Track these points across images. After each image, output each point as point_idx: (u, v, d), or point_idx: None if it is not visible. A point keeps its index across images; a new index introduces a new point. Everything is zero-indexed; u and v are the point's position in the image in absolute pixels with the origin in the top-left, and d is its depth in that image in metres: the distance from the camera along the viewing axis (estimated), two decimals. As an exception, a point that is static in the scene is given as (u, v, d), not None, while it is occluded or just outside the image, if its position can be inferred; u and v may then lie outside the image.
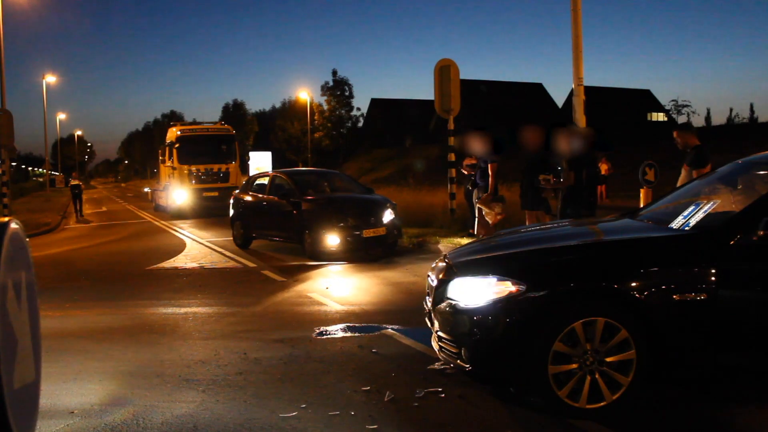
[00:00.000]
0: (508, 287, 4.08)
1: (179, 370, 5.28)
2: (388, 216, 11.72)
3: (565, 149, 8.85)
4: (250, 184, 14.15)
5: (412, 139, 60.87)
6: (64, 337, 6.37)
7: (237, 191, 14.65)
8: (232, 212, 14.10)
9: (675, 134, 8.19)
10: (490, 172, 11.95)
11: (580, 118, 10.68)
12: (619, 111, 49.87)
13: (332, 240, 11.10)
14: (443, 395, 4.49)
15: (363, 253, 11.44)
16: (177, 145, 23.87)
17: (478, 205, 12.27)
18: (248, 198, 13.60)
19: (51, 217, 25.23)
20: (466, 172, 12.68)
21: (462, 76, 15.26)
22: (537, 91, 65.48)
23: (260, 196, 13.27)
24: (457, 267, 4.57)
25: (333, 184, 13.39)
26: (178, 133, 24.33)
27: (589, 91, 11.40)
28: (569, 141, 8.70)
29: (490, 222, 11.70)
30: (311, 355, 5.63)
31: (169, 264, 11.78)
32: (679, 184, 7.73)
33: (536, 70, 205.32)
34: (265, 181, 13.54)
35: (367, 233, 11.29)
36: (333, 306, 7.65)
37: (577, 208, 8.78)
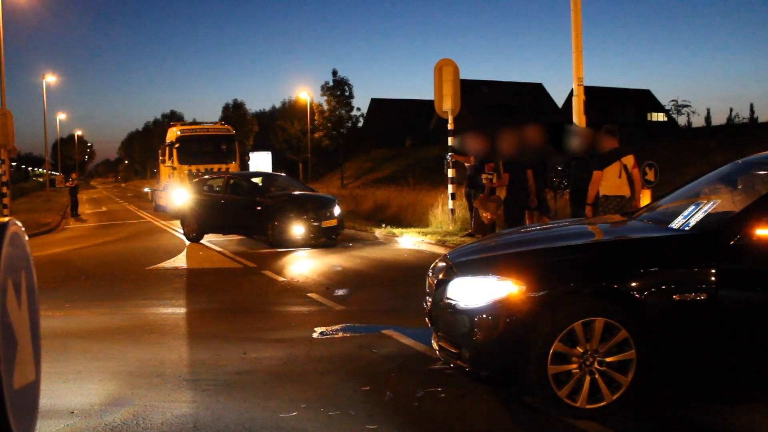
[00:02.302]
0: (508, 287, 4.07)
1: (179, 370, 5.29)
2: (337, 210, 13.74)
3: (506, 151, 8.89)
4: (201, 186, 15.62)
5: (412, 139, 60.84)
6: (64, 337, 6.37)
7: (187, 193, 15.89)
8: (183, 211, 15.37)
9: (601, 134, 8.10)
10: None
11: (580, 118, 10.68)
12: (619, 111, 49.78)
13: (298, 230, 12.94)
14: (443, 395, 4.49)
15: (316, 240, 13.23)
16: (177, 145, 23.82)
17: (475, 205, 12.33)
18: (202, 198, 15.04)
19: (51, 217, 25.22)
20: (467, 165, 12.72)
21: (462, 76, 15.25)
22: (537, 91, 65.40)
23: (218, 195, 14.85)
24: (457, 267, 4.57)
25: (282, 184, 15.46)
26: (178, 133, 24.29)
27: (589, 91, 11.40)
28: (510, 143, 8.78)
29: (485, 222, 11.76)
30: (311, 355, 5.63)
31: (169, 264, 11.79)
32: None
33: (536, 70, 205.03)
34: (219, 183, 15.30)
35: (325, 224, 13.25)
36: (332, 306, 7.65)
37: (577, 209, 8.80)
